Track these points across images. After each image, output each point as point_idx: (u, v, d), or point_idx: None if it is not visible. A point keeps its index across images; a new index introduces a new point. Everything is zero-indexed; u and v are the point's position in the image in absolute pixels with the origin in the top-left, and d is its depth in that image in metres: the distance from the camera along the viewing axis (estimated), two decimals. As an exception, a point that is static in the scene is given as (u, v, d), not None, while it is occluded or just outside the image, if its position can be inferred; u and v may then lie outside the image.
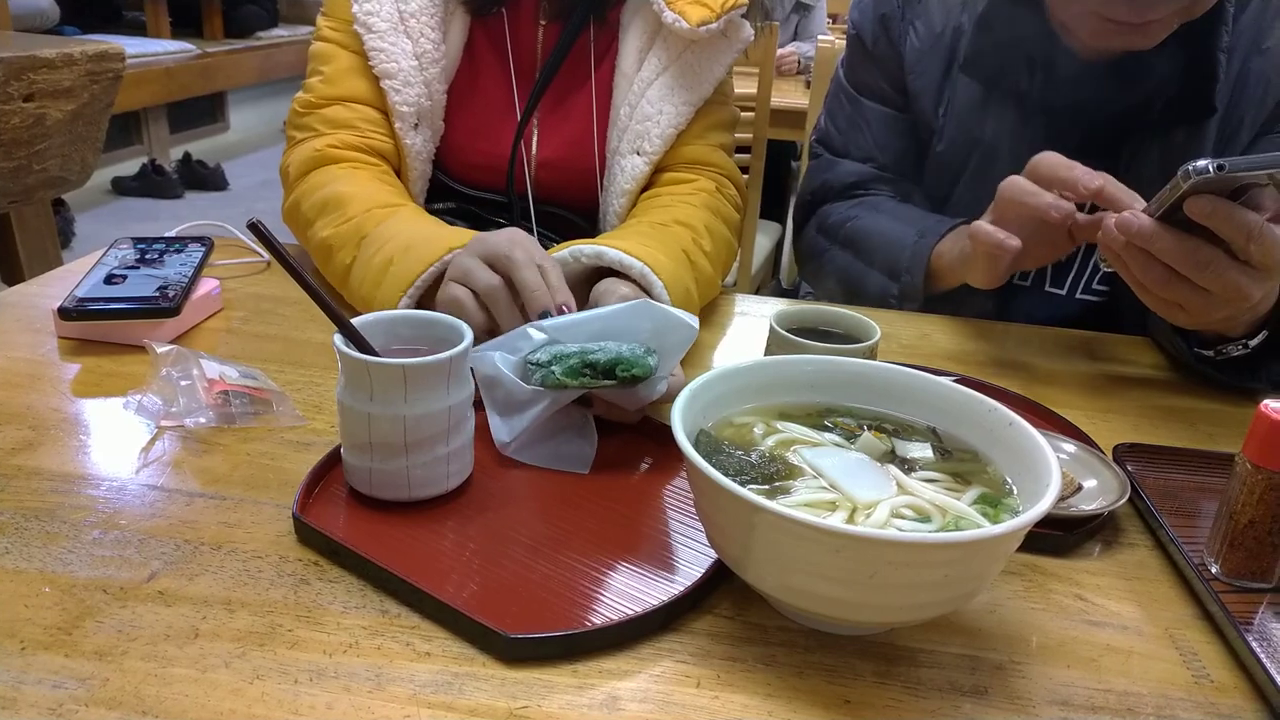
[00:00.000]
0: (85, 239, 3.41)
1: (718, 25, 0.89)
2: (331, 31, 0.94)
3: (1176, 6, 0.78)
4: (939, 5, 0.97)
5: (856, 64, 1.04)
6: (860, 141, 1.03)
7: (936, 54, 0.97)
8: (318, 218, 0.83)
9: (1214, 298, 0.65)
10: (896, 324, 0.87)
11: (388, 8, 0.89)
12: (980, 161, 0.96)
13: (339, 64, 0.91)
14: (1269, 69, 0.89)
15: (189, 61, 4.38)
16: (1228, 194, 0.61)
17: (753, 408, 0.55)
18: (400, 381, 0.50)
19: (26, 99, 1.78)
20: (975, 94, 0.95)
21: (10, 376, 0.66)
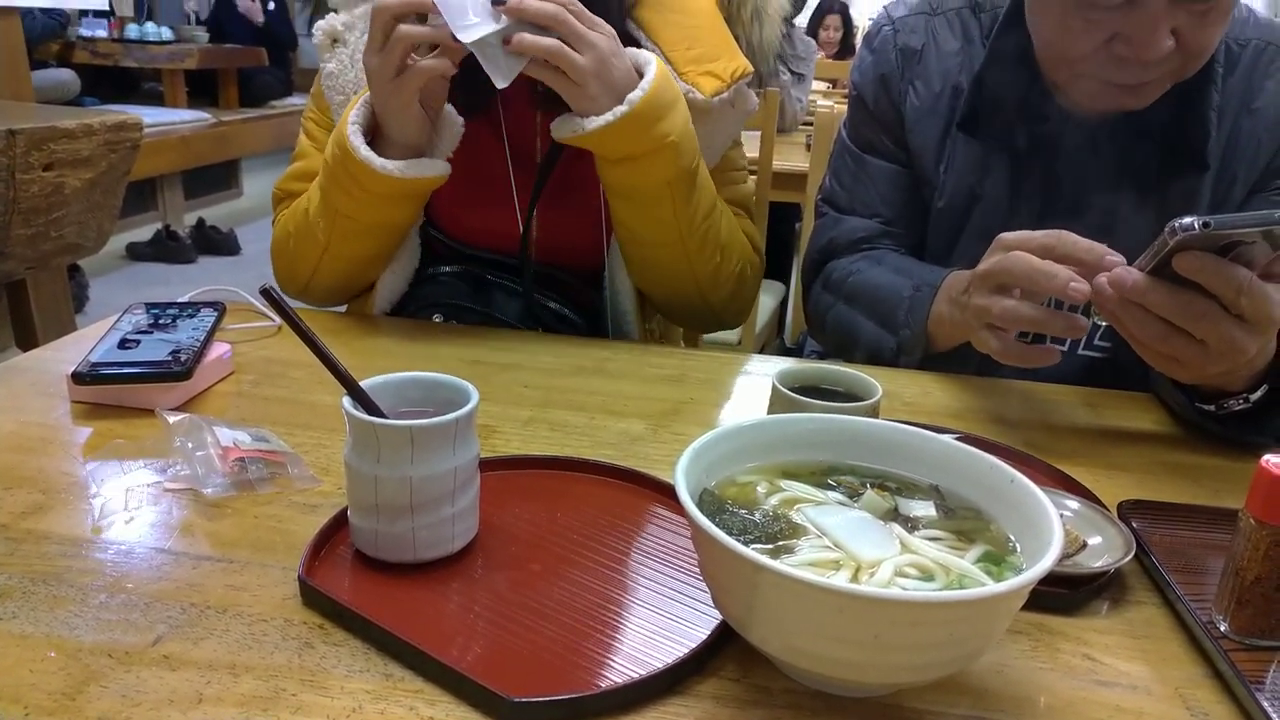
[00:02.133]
0: (99, 303, 3.45)
1: (729, 94, 0.92)
2: (312, 123, 1.02)
3: (1169, 68, 0.81)
4: (937, 66, 0.99)
5: (859, 123, 1.06)
6: (865, 198, 1.05)
7: (936, 113, 0.99)
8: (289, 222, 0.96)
9: (1210, 351, 0.65)
10: (898, 382, 0.88)
11: (345, 77, 0.95)
12: (980, 217, 0.97)
13: (310, 163, 1.00)
14: (1259, 128, 0.92)
15: (204, 130, 4.50)
16: (1216, 250, 0.62)
17: (756, 466, 0.55)
18: (407, 443, 0.51)
19: (46, 168, 1.83)
20: (974, 151, 0.97)
21: (22, 440, 0.67)
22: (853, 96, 1.07)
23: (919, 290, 0.90)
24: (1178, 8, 0.76)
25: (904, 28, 1.02)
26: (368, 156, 0.83)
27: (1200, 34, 0.78)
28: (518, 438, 0.72)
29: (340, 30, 0.94)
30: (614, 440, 0.73)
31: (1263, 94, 0.91)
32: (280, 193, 1.04)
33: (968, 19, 0.99)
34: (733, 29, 0.97)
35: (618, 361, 0.90)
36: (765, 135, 1.89)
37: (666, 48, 0.92)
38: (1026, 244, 0.73)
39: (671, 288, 0.99)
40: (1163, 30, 0.76)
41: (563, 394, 0.81)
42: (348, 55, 0.95)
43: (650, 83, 0.82)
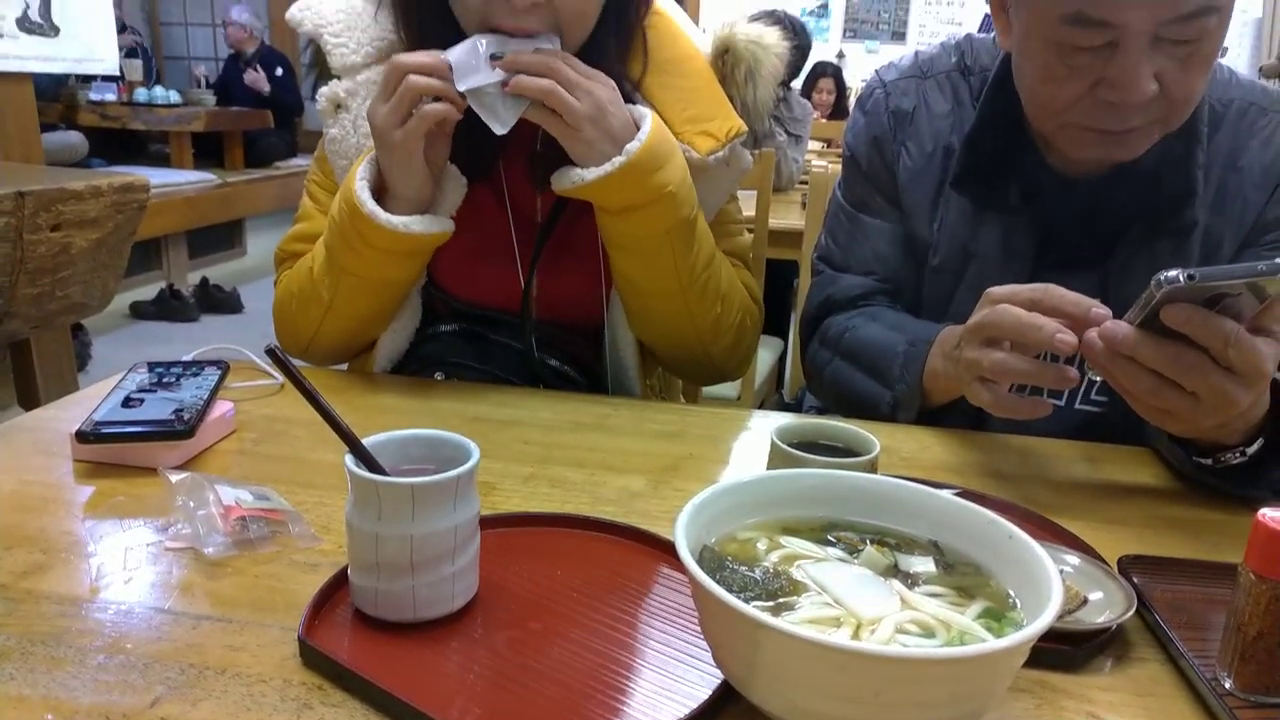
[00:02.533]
0: (101, 362, 3.47)
1: (724, 153, 0.94)
2: (315, 185, 1.05)
3: (1155, 115, 0.82)
4: (929, 127, 1.02)
5: (853, 183, 1.08)
6: (861, 255, 1.07)
7: (929, 173, 1.01)
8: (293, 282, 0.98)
9: (1202, 404, 0.66)
10: (897, 437, 0.88)
11: (347, 141, 0.98)
12: (974, 274, 0.99)
13: (312, 225, 1.02)
14: (1245, 186, 0.93)
15: (210, 191, 4.57)
16: (1202, 302, 0.63)
17: (756, 522, 0.55)
18: (408, 500, 0.51)
19: (54, 229, 1.86)
20: (966, 209, 0.99)
21: (24, 500, 0.67)
22: (847, 157, 1.10)
23: (913, 346, 0.91)
24: (1159, 51, 0.77)
25: (895, 90, 1.04)
26: (374, 211, 0.86)
27: (1183, 79, 0.79)
28: (518, 495, 0.72)
29: (343, 96, 0.97)
30: (614, 496, 0.73)
31: (1247, 152, 0.93)
32: (282, 253, 1.05)
33: (957, 81, 1.02)
34: (727, 90, 0.99)
35: (617, 417, 0.91)
36: (761, 194, 1.92)
37: (663, 108, 0.94)
38: (1014, 298, 0.74)
39: (673, 339, 1.01)
40: (1146, 73, 0.77)
41: (563, 450, 0.81)
42: (350, 121, 0.97)
43: (647, 133, 0.85)
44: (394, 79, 0.83)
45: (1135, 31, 0.75)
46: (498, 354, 1.00)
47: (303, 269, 0.98)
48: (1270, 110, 0.94)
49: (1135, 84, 0.77)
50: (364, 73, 0.97)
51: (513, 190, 1.00)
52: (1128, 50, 0.77)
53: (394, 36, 0.97)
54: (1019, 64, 0.89)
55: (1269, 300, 0.64)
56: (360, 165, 0.89)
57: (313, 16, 0.97)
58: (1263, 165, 0.93)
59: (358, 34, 0.97)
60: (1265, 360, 0.64)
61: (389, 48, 0.97)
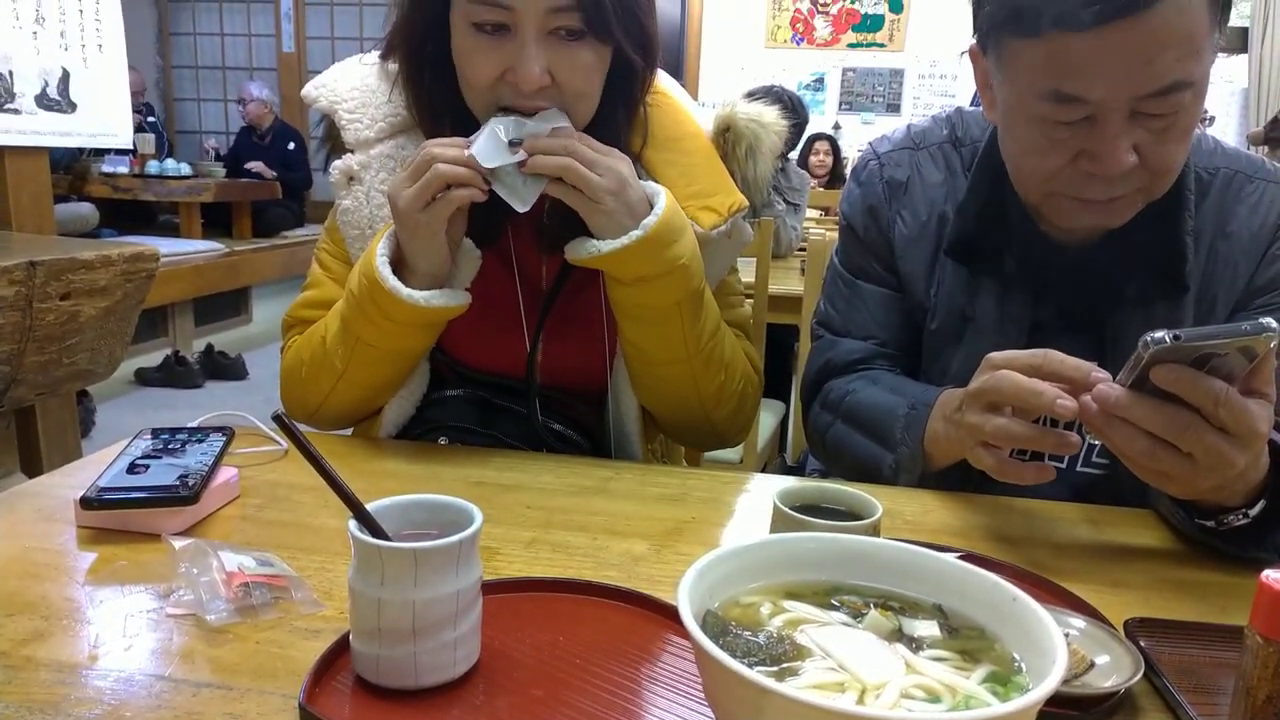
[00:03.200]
0: (105, 428, 3.47)
1: (726, 227, 0.97)
2: (325, 254, 1.07)
3: (1138, 185, 0.83)
4: (923, 196, 1.04)
5: (850, 250, 1.10)
6: (859, 320, 1.08)
7: (924, 240, 1.03)
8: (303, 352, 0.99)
9: (1198, 464, 0.66)
10: (899, 500, 0.88)
11: (360, 213, 1.00)
12: (972, 339, 1.00)
13: (322, 292, 1.05)
14: (1235, 252, 0.95)
15: (217, 260, 4.63)
16: (1191, 363, 0.64)
17: (759, 586, 0.55)
18: (411, 565, 0.52)
19: (63, 297, 1.89)
20: (962, 275, 1.00)
21: (26, 566, 0.67)
22: (843, 226, 1.11)
23: (914, 409, 0.92)
24: (1136, 124, 0.79)
25: (889, 162, 1.06)
26: (395, 287, 0.88)
27: (1161, 150, 0.81)
28: (520, 559, 0.72)
29: (357, 170, 1.00)
30: (617, 561, 0.73)
31: (1235, 218, 0.95)
32: (291, 319, 1.07)
33: (949, 152, 1.04)
34: (728, 165, 1.02)
35: (619, 481, 0.91)
36: (761, 261, 1.95)
37: (667, 184, 0.95)
38: (1014, 363, 0.75)
39: (677, 406, 1.01)
40: (1123, 145, 0.79)
41: (565, 515, 0.81)
42: (364, 192, 1.00)
43: (663, 208, 0.88)
44: (423, 166, 0.85)
45: (1111, 107, 0.78)
46: (502, 418, 1.01)
47: (314, 337, 0.99)
48: (1255, 178, 0.96)
49: (1114, 157, 0.79)
50: (377, 147, 1.00)
51: (520, 257, 1.02)
52: (1105, 124, 0.79)
53: (406, 113, 1.00)
54: (1004, 137, 0.92)
55: (1257, 360, 0.65)
56: (380, 241, 0.91)
57: (328, 94, 1.01)
58: (1251, 231, 0.95)
59: (371, 110, 1.00)
60: (1257, 420, 0.65)
61: (401, 124, 1.00)
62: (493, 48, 0.86)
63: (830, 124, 6.72)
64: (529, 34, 0.84)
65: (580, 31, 0.85)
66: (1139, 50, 0.74)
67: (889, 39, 6.63)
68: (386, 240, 0.91)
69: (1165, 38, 0.73)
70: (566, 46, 0.86)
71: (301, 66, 6.85)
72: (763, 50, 6.72)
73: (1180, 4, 0.73)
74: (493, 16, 0.84)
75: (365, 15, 6.72)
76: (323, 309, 1.01)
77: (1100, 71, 0.75)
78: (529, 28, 0.84)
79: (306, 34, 6.84)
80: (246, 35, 6.97)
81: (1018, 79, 0.83)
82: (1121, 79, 0.76)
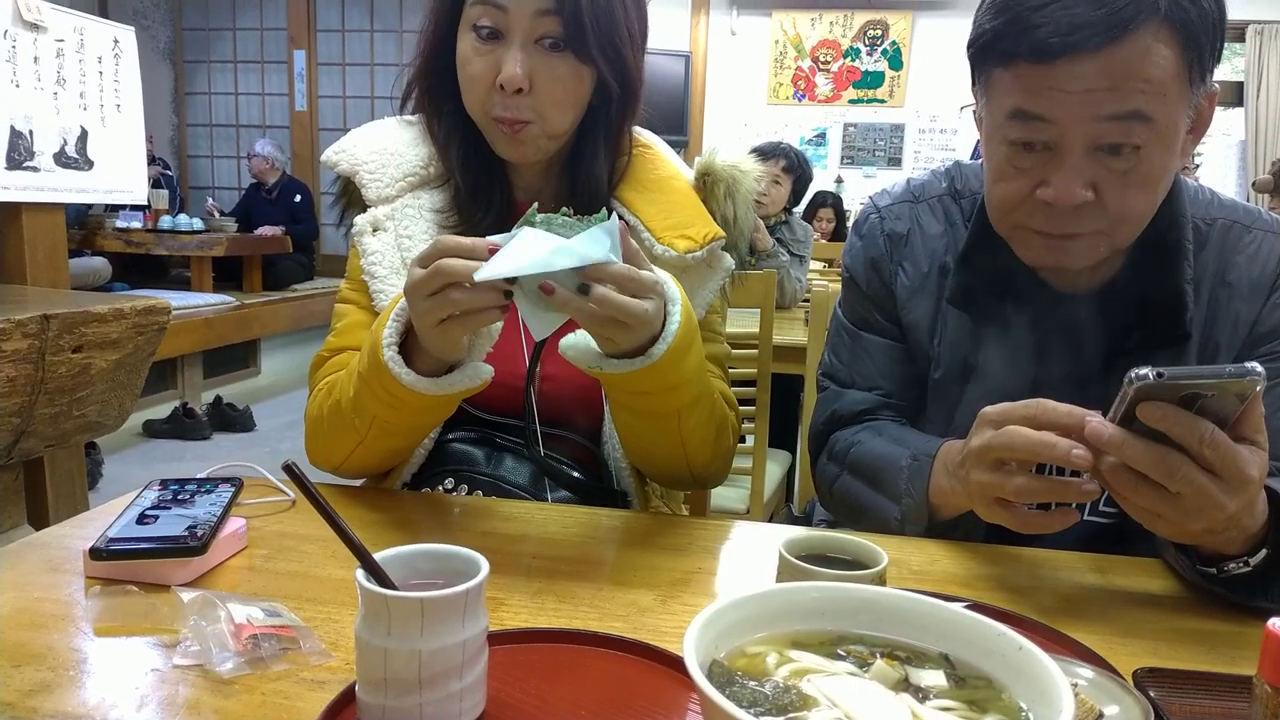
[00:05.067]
0: (112, 480, 3.47)
1: (702, 254, 1.01)
2: (349, 291, 1.08)
3: (1097, 227, 0.85)
4: (923, 248, 1.05)
5: (854, 302, 1.12)
6: (864, 371, 1.09)
7: (926, 291, 1.04)
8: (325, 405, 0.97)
9: (1186, 504, 0.67)
10: (906, 550, 0.88)
11: (390, 256, 1.03)
12: (977, 388, 1.00)
13: (350, 319, 1.06)
14: (1235, 300, 0.96)
15: (227, 312, 4.67)
16: (1179, 402, 0.65)
17: (765, 636, 0.55)
18: (417, 615, 0.52)
19: (75, 350, 1.91)
20: (966, 324, 1.01)
21: (34, 617, 0.68)
22: (846, 278, 1.13)
23: (916, 460, 0.92)
24: (1096, 162, 0.82)
25: (889, 215, 1.08)
26: (412, 382, 0.83)
27: (1121, 195, 0.83)
28: (525, 610, 0.72)
29: (382, 219, 1.04)
30: (622, 612, 0.73)
31: (1235, 268, 0.97)
32: (319, 360, 1.06)
33: (949, 205, 1.06)
34: (708, 205, 1.07)
35: (625, 531, 0.91)
36: (765, 311, 1.97)
37: (645, 219, 1.02)
38: (1009, 416, 0.76)
39: (663, 466, 1.03)
40: (1078, 179, 0.82)
41: (571, 565, 0.81)
42: (390, 239, 1.04)
43: (673, 334, 0.81)
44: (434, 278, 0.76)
45: (1070, 131, 0.81)
46: (507, 459, 1.03)
47: (333, 399, 0.96)
48: (1253, 228, 0.98)
49: (1067, 187, 0.82)
50: (397, 201, 1.06)
51: None
52: (1064, 154, 0.82)
53: (424, 171, 1.06)
54: (984, 169, 0.94)
55: (1247, 403, 0.66)
56: (385, 327, 0.85)
57: (348, 158, 1.07)
58: (1250, 279, 0.96)
59: (390, 170, 1.06)
60: (1246, 465, 0.65)
61: (419, 181, 1.06)
62: (487, 53, 0.95)
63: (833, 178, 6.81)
64: (516, 37, 0.93)
65: (561, 44, 0.94)
66: (1099, 79, 0.78)
67: (889, 95, 6.75)
68: (393, 321, 0.85)
69: (1126, 71, 0.78)
70: (548, 56, 0.94)
71: (313, 124, 6.99)
72: (765, 107, 6.85)
73: (1143, 47, 0.77)
74: (490, 19, 0.93)
75: (376, 75, 6.88)
76: (353, 334, 1.03)
77: (1062, 93, 0.79)
78: (517, 31, 0.93)
79: (318, 93, 7.00)
80: (260, 94, 7.13)
81: (993, 105, 0.86)
82: (1080, 100, 0.79)
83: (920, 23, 6.66)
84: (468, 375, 0.86)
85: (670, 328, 0.81)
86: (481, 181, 1.05)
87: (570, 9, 0.92)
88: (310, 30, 6.89)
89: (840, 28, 6.73)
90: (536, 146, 0.99)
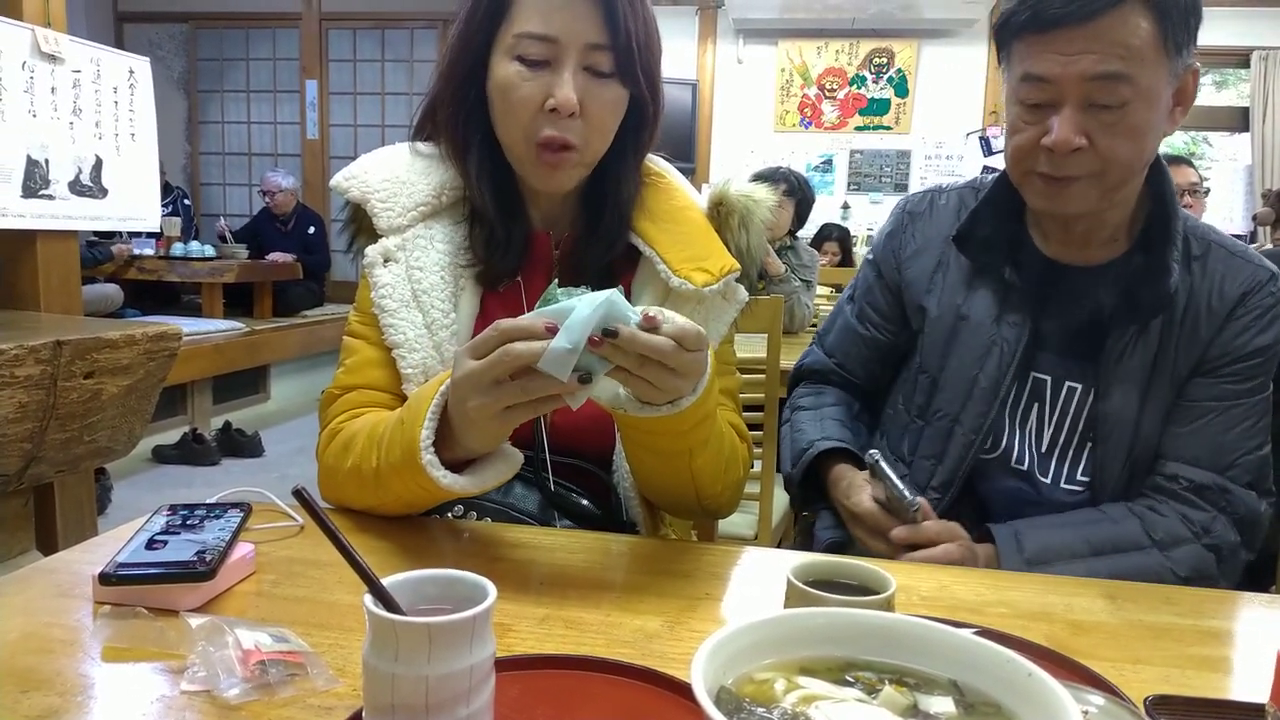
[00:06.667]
0: (120, 506, 3.48)
1: (719, 286, 1.02)
2: (358, 324, 1.08)
3: (1090, 169, 1.00)
4: (934, 221, 1.22)
5: (858, 282, 1.32)
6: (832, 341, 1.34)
7: (930, 251, 1.21)
8: (343, 460, 0.96)
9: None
10: (916, 576, 0.87)
11: (401, 289, 1.03)
12: (967, 336, 1.16)
13: (360, 355, 1.05)
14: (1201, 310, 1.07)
15: (237, 338, 4.70)
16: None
17: (773, 662, 0.55)
18: (425, 641, 0.52)
19: (87, 376, 1.92)
20: (963, 275, 1.17)
21: (43, 643, 0.68)
22: (865, 259, 1.32)
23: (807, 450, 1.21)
24: (1089, 115, 0.98)
25: (912, 200, 1.28)
26: (451, 484, 0.83)
27: (1109, 141, 0.98)
28: (533, 636, 0.72)
29: (394, 250, 1.04)
30: (630, 638, 0.72)
31: (1208, 281, 1.07)
32: (329, 397, 1.06)
33: (965, 194, 1.23)
34: (722, 235, 1.08)
35: (633, 557, 0.91)
36: (772, 335, 1.97)
37: (662, 250, 1.02)
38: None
39: (674, 500, 1.03)
40: (1072, 127, 0.98)
41: (578, 590, 0.81)
42: (401, 270, 1.03)
43: (700, 391, 0.82)
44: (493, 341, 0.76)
45: (1066, 89, 0.97)
46: (515, 486, 1.02)
47: (352, 462, 0.94)
48: (1234, 254, 1.10)
49: (1064, 132, 0.98)
50: (408, 231, 1.05)
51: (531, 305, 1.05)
52: (1062, 107, 0.99)
53: (436, 201, 1.06)
54: (1006, 122, 1.09)
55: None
56: (422, 427, 0.83)
57: (359, 185, 1.06)
58: (1215, 302, 1.07)
59: (402, 200, 1.05)
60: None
61: (430, 211, 1.06)
62: (535, 78, 0.95)
63: (839, 203, 6.84)
64: (568, 64, 0.95)
65: (608, 73, 0.96)
66: (1086, 45, 0.95)
67: (895, 122, 6.79)
68: (429, 421, 0.83)
69: (1109, 39, 0.94)
70: (596, 82, 0.96)
71: (325, 152, 7.07)
72: (772, 134, 6.90)
73: (1122, 20, 0.94)
74: (538, 50, 0.95)
75: (387, 103, 6.97)
76: (363, 372, 1.03)
77: (1058, 56, 0.97)
78: (569, 59, 0.94)
79: (330, 121, 7.08)
80: (273, 123, 7.22)
81: (1010, 73, 1.04)
82: (1071, 63, 0.96)
83: (925, 51, 6.72)
84: (505, 466, 0.87)
85: (701, 382, 0.82)
86: (504, 215, 1.04)
87: (623, 43, 0.95)
88: (323, 60, 6.99)
89: (846, 56, 6.79)
90: (570, 175, 1.00)
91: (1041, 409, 1.13)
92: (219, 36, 7.19)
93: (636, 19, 0.95)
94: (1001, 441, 1.15)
